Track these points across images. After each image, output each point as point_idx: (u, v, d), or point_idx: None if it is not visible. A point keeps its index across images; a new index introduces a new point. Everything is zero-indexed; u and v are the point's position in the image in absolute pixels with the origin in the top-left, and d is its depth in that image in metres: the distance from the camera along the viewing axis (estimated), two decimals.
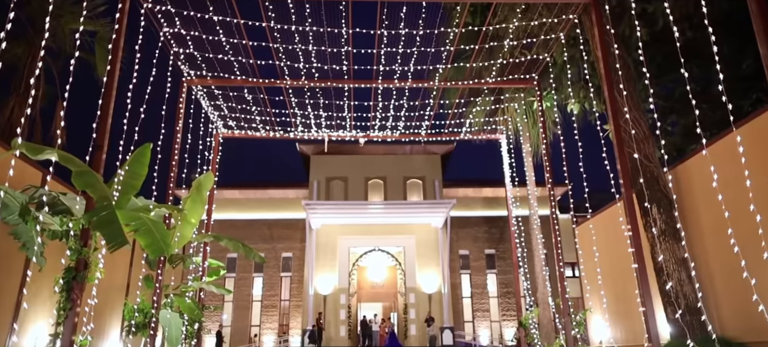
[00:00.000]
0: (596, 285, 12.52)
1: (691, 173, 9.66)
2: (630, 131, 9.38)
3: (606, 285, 11.48)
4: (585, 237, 13.62)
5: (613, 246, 11.21)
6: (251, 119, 13.64)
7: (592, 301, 12.27)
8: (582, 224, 13.81)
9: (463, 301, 30.77)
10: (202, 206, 12.50)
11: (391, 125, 13.72)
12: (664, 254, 9.34)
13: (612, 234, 10.99)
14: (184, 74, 11.83)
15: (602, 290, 11.07)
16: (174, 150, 11.42)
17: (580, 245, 12.69)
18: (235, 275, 30.85)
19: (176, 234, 12.15)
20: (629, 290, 10.12)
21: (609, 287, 11.20)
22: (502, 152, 14.57)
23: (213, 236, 12.86)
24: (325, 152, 31.68)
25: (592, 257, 12.34)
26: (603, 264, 11.10)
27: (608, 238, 11.73)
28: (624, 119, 9.25)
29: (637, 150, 9.22)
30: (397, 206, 28.73)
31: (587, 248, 13.58)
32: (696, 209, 9.51)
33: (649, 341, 8.06)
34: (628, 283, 9.76)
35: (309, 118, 13.48)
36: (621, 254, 9.66)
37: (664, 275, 9.27)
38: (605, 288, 11.59)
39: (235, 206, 31.80)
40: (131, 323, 10.46)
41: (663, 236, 9.37)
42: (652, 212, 9.49)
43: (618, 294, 11.75)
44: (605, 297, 10.46)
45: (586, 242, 13.68)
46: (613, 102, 8.92)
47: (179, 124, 11.51)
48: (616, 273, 11.63)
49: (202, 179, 12.34)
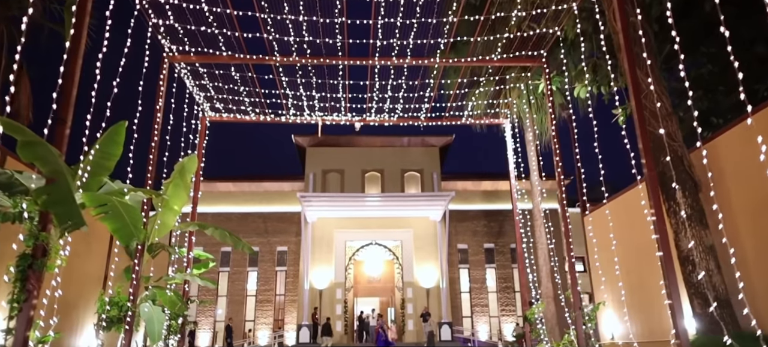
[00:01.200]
0: (607, 277, 11.60)
1: (720, 152, 8.70)
2: (652, 106, 8.41)
3: (617, 277, 10.55)
4: (595, 227, 12.68)
5: (627, 235, 10.26)
6: (240, 100, 12.64)
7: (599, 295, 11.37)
8: (591, 213, 12.88)
9: (462, 296, 29.83)
10: (186, 191, 11.48)
11: (389, 107, 12.72)
12: (689, 242, 8.40)
13: (626, 223, 10.07)
14: (165, 50, 10.81)
15: (620, 282, 10.11)
16: (154, 131, 10.39)
17: (587, 237, 11.74)
18: (229, 269, 29.84)
19: (157, 222, 11.17)
20: (646, 282, 9.22)
21: (622, 279, 10.26)
22: (506, 137, 13.58)
23: (198, 225, 11.85)
24: (321, 144, 30.72)
25: (603, 247, 11.41)
26: (613, 256, 10.17)
27: (622, 227, 10.79)
28: (645, 94, 8.30)
29: (659, 127, 8.25)
30: (394, 198, 27.74)
31: (597, 238, 12.64)
32: (726, 192, 8.56)
33: (676, 337, 7.10)
34: (645, 274, 8.88)
35: (301, 99, 12.48)
36: (637, 243, 8.76)
37: (690, 264, 8.34)
38: (617, 281, 10.66)
39: (229, 199, 30.77)
40: (103, 317, 9.46)
41: (689, 222, 8.43)
42: (677, 195, 8.55)
43: (632, 286, 10.82)
44: (623, 290, 9.51)
45: (596, 232, 12.74)
46: (633, 71, 7.94)
47: (160, 103, 10.48)
48: (631, 264, 10.70)
49: (186, 162, 11.30)
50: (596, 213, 12.82)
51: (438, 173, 30.34)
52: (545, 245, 16.63)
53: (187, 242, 12.94)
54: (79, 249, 12.99)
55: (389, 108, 12.80)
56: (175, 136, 11.97)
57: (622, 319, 10.79)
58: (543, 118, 17.42)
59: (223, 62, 11.25)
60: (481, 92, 13.13)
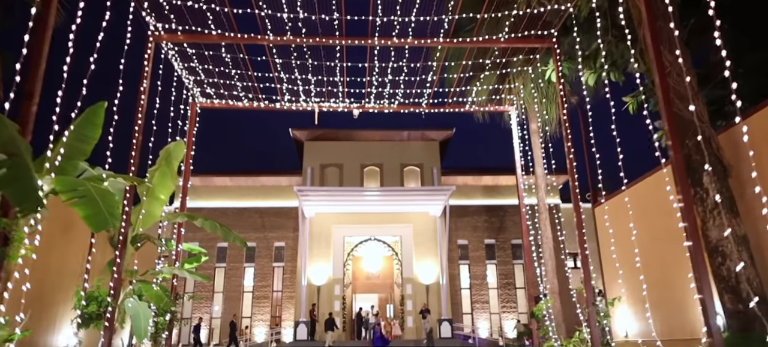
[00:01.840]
0: (621, 271, 10.83)
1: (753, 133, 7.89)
2: (677, 83, 7.63)
3: (634, 271, 9.78)
4: (608, 219, 11.92)
5: (644, 226, 9.49)
6: (232, 85, 11.84)
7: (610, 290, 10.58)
8: (601, 206, 12.10)
9: (462, 292, 29.08)
10: (173, 180, 10.68)
11: (389, 92, 11.93)
12: (719, 231, 7.64)
13: (642, 213, 9.30)
14: (150, 27, 10.00)
15: (637, 276, 9.34)
16: (138, 114, 9.59)
17: (600, 229, 10.96)
18: (226, 265, 29.05)
19: (141, 212, 10.38)
20: (666, 276, 8.48)
21: (638, 273, 9.50)
22: (512, 125, 12.80)
23: (186, 216, 11.06)
24: (319, 138, 29.92)
25: (615, 240, 10.66)
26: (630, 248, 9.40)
27: (638, 217, 10.03)
28: (668, 71, 7.53)
29: (684, 106, 7.49)
30: (393, 193, 26.93)
31: (608, 231, 11.87)
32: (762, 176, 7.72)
33: (708, 336, 6.35)
34: (665, 268, 8.15)
35: (296, 84, 11.68)
36: (655, 234, 8.03)
37: (719, 256, 7.59)
38: (633, 275, 9.90)
39: (226, 193, 29.97)
40: (82, 313, 8.67)
41: (717, 209, 7.67)
42: (704, 180, 7.79)
43: (650, 281, 10.06)
44: (638, 285, 8.70)
45: (608, 224, 11.97)
46: (656, 45, 7.16)
47: (144, 84, 9.67)
48: (648, 257, 9.93)
49: (172, 148, 10.51)
50: (609, 203, 12.05)
51: (438, 167, 29.56)
52: (551, 239, 15.84)
53: (176, 235, 12.16)
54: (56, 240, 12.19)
55: (389, 93, 12.01)
56: (163, 121, 11.20)
57: (636, 316, 10.03)
58: (548, 107, 16.62)
59: (212, 42, 10.45)
60: (486, 76, 12.33)
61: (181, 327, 28.36)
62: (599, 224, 10.86)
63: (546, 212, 16.47)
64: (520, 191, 12.68)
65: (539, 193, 16.51)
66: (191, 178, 29.50)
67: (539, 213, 16.25)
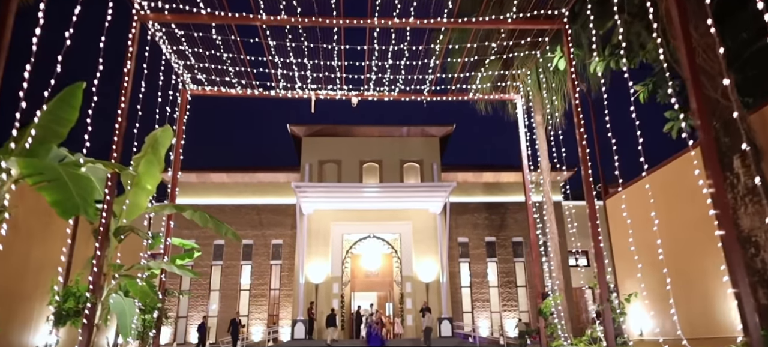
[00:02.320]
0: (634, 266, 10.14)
1: None
2: (704, 60, 6.95)
3: (649, 265, 9.09)
4: (618, 211, 11.23)
5: (662, 217, 8.77)
6: (223, 70, 11.13)
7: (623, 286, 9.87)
8: (614, 196, 11.40)
9: (462, 291, 28.35)
10: (160, 168, 9.96)
11: (389, 78, 11.23)
12: (751, 219, 6.96)
13: (661, 202, 8.61)
14: (134, 5, 9.29)
15: (650, 269, 8.64)
16: (121, 97, 8.87)
17: (611, 222, 10.27)
18: (222, 263, 28.29)
19: (125, 202, 9.66)
20: (687, 269, 7.79)
21: (655, 267, 8.81)
22: (517, 114, 12.10)
23: (174, 207, 10.35)
24: (317, 134, 29.20)
25: (628, 233, 9.96)
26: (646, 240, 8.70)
27: (656, 207, 9.33)
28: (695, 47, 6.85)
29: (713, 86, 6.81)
30: (393, 189, 26.20)
31: (621, 224, 11.18)
32: None
33: (745, 334, 5.66)
34: (686, 260, 7.47)
35: (292, 69, 10.98)
36: (676, 224, 7.36)
37: (752, 246, 6.91)
38: (648, 269, 9.21)
39: (223, 190, 29.22)
40: (58, 309, 7.96)
41: (749, 196, 6.99)
42: (734, 165, 7.11)
43: (655, 280, 9.37)
44: (649, 279, 8.00)
45: (619, 217, 11.28)
46: (683, 18, 6.48)
47: (128, 65, 8.95)
48: (668, 249, 9.24)
49: (159, 135, 9.78)
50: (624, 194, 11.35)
51: (438, 163, 28.85)
52: (556, 234, 15.16)
53: (165, 227, 11.45)
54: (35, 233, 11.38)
55: (390, 79, 11.31)
56: (150, 108, 10.48)
57: (653, 313, 9.33)
58: (553, 98, 15.93)
59: (202, 22, 9.74)
60: (491, 62, 11.63)
61: (178, 325, 27.67)
62: (611, 217, 10.17)
63: (551, 206, 15.79)
64: (527, 182, 11.98)
65: (544, 187, 15.82)
66: (187, 174, 28.86)
67: (545, 208, 15.56)
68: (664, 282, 9.33)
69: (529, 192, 11.88)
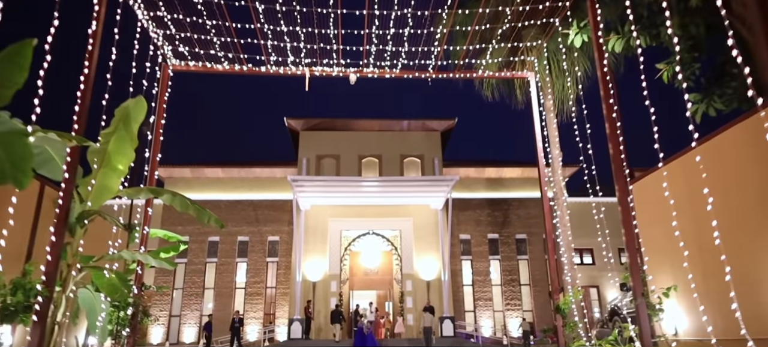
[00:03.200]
0: (664, 257, 8.89)
1: None
2: None
3: (677, 257, 7.85)
4: (647, 196, 9.98)
5: (696, 203, 7.56)
6: (209, 41, 9.88)
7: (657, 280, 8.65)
8: (642, 180, 10.18)
9: (464, 289, 27.07)
10: (132, 146, 8.66)
11: (391, 51, 9.97)
12: None
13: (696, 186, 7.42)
14: None
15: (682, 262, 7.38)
16: (85, 63, 7.58)
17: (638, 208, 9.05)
18: (217, 260, 26.98)
19: (91, 182, 8.37)
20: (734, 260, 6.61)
21: (681, 261, 7.56)
22: (531, 93, 10.85)
23: (150, 191, 9.06)
24: (315, 128, 27.94)
25: (660, 220, 8.73)
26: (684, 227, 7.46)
27: (691, 192, 8.10)
28: None
29: None
30: (393, 183, 24.90)
31: (648, 211, 9.92)
32: None
33: None
34: (727, 251, 6.33)
35: (283, 39, 9.72)
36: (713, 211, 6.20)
37: None
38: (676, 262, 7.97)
39: (218, 185, 27.95)
40: (7, 305, 6.69)
41: None
42: None
43: (701, 269, 8.12)
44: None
45: (645, 204, 10.02)
46: None
47: (94, 25, 7.68)
48: (701, 239, 8.01)
49: (131, 107, 8.44)
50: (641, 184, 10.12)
51: (439, 158, 27.58)
52: (569, 229, 13.92)
53: (142, 214, 10.18)
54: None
55: (392, 52, 10.05)
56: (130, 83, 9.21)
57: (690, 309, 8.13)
58: (565, 84, 14.68)
59: None
60: (502, 33, 10.37)
61: (171, 324, 26.31)
62: (638, 204, 8.99)
63: (563, 196, 14.54)
64: (542, 171, 10.71)
65: (555, 177, 14.56)
66: (181, 168, 27.50)
67: (556, 199, 14.31)
68: (703, 275, 8.05)
69: (545, 179, 10.61)
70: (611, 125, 7.95)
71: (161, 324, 25.89)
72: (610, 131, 7.98)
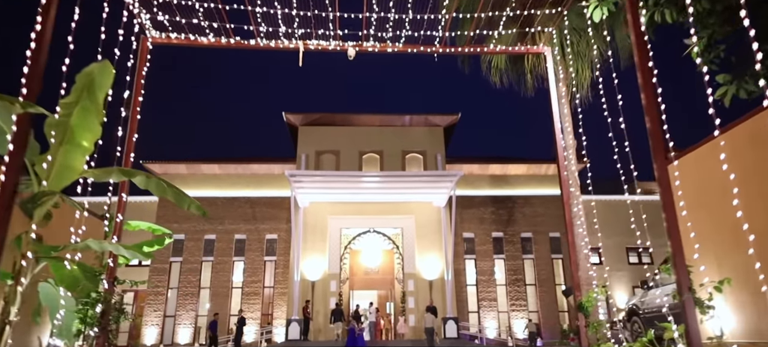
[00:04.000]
0: (709, 249, 7.70)
1: None
2: None
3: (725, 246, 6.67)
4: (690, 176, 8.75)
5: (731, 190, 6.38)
6: (192, 8, 8.76)
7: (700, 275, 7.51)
8: (685, 156, 9.00)
9: (468, 289, 25.84)
10: (98, 118, 7.46)
11: (395, 18, 8.82)
12: None
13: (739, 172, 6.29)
14: None
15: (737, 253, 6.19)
16: (38, 17, 6.42)
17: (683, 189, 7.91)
18: (213, 259, 25.77)
19: (46, 159, 7.20)
20: None
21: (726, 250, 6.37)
22: (548, 69, 9.66)
23: (121, 172, 7.86)
24: (314, 123, 26.78)
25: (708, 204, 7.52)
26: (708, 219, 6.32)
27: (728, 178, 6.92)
28: None
29: None
30: (394, 179, 23.69)
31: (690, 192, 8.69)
32: None
33: None
34: None
35: (273, 4, 8.58)
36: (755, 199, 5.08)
37: None
38: (721, 252, 6.79)
39: (214, 182, 26.76)
40: None
41: None
42: None
43: (741, 264, 6.95)
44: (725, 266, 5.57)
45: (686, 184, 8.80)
46: None
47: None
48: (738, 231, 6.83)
49: (95, 72, 7.12)
50: (685, 159, 8.95)
51: (442, 154, 26.39)
52: (585, 225, 12.76)
53: (117, 201, 9.02)
54: None
55: (395, 20, 8.88)
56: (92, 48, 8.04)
57: (739, 309, 6.97)
58: (581, 66, 13.51)
59: None
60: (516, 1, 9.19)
61: (165, 324, 25.10)
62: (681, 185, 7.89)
63: (578, 188, 13.36)
64: (561, 160, 9.50)
65: (570, 168, 13.36)
66: (176, 164, 26.27)
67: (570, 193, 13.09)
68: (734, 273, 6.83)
69: (564, 164, 9.42)
70: (648, 94, 6.76)
71: (155, 324, 24.67)
72: (647, 103, 6.78)
